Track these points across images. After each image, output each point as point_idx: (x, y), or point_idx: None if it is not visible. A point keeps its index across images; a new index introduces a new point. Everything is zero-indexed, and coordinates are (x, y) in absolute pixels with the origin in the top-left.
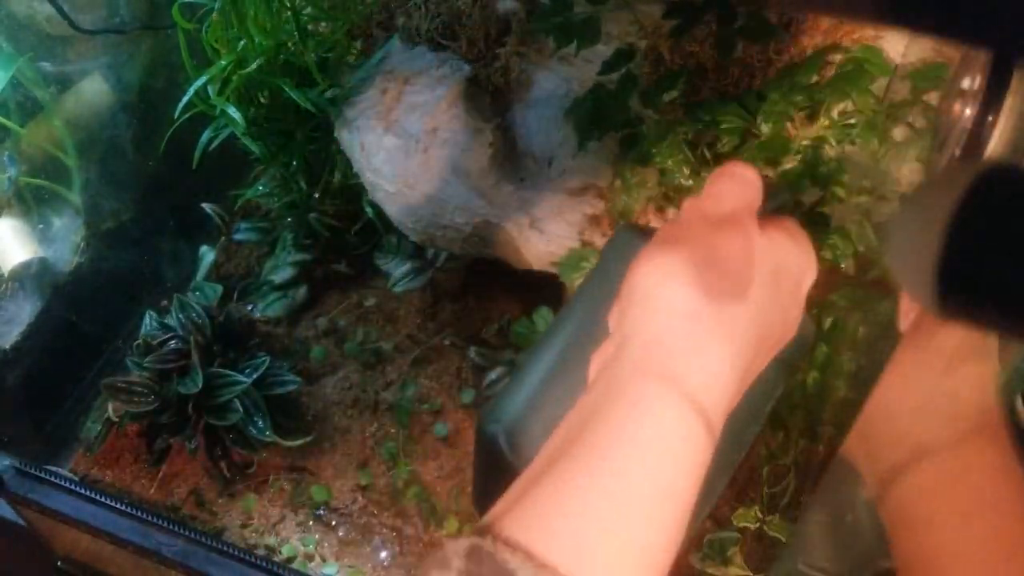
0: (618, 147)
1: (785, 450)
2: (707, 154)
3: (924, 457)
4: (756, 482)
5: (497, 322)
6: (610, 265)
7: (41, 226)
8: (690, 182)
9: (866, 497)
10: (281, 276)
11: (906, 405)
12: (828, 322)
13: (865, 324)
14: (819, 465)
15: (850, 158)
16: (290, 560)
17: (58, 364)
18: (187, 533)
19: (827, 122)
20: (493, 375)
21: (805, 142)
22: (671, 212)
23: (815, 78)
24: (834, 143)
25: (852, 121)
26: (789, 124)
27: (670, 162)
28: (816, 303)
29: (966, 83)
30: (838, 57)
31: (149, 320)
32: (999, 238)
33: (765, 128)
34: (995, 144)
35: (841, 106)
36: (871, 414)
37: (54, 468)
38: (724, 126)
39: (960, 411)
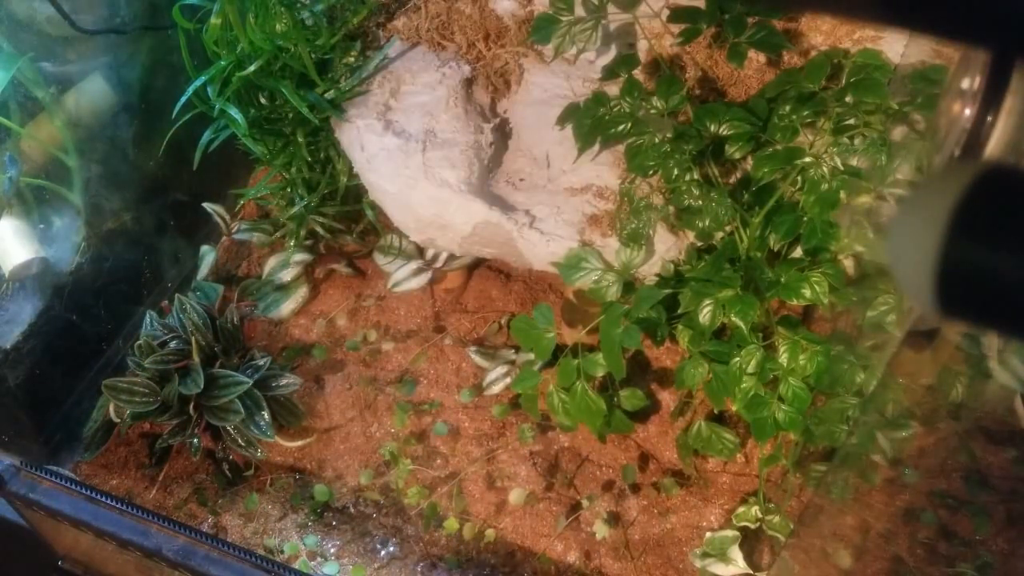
0: (619, 148)
1: (784, 451)
2: (713, 167)
3: None
4: (755, 482)
5: (497, 321)
6: None
7: (42, 226)
8: (699, 203)
9: None
10: (282, 276)
11: None
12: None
13: (864, 324)
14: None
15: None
16: (291, 559)
17: (58, 364)
18: (187, 533)
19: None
20: (493, 374)
21: (808, 159)
22: (689, 235)
23: (821, 83)
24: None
25: (852, 121)
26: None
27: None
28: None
29: (966, 83)
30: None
31: (150, 320)
32: (999, 238)
33: (776, 137)
34: (995, 144)
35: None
36: None
37: (54, 468)
38: (732, 133)
39: None
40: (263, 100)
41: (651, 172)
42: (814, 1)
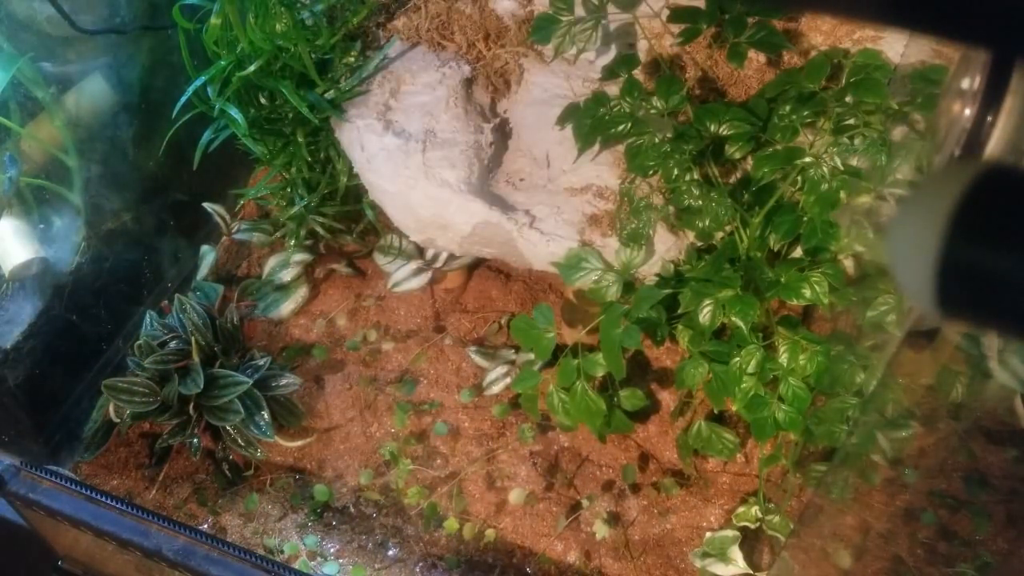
0: (620, 148)
1: (784, 451)
2: (713, 167)
3: None
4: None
5: (497, 321)
6: None
7: (42, 226)
8: (699, 203)
9: None
10: (282, 276)
11: None
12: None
13: (864, 324)
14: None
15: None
16: (291, 559)
17: (58, 364)
18: (187, 533)
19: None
20: (493, 374)
21: (808, 159)
22: (689, 235)
23: (821, 83)
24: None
25: (852, 121)
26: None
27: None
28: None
29: (966, 83)
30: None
31: (150, 320)
32: (999, 238)
33: (776, 137)
34: (995, 144)
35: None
36: None
37: (55, 468)
38: (732, 133)
39: None
40: (263, 100)
41: (651, 172)
42: (814, 1)
